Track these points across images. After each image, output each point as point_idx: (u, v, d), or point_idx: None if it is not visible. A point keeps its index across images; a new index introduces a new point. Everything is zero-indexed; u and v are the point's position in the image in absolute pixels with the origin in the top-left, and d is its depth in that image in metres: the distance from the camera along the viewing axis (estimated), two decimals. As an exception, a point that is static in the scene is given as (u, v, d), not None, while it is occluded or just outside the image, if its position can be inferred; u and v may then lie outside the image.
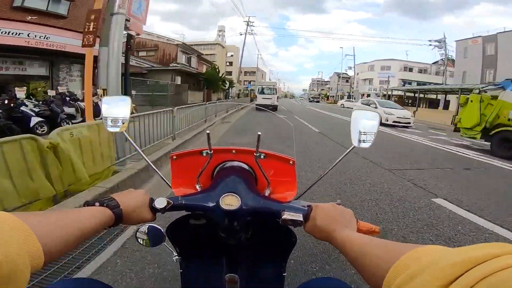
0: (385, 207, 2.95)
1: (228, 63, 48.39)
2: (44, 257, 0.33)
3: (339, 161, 0.76)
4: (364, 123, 0.74)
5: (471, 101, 7.42)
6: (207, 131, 0.65)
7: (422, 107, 23.42)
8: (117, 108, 0.77)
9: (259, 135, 0.62)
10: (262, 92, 18.17)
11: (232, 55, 50.74)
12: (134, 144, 0.76)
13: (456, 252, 0.26)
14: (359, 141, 0.74)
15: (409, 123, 12.79)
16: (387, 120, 12.38)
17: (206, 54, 36.26)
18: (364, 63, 49.33)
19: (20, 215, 0.33)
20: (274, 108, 15.86)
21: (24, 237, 0.31)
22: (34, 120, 6.23)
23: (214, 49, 44.13)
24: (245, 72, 59.18)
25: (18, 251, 0.29)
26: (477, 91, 7.62)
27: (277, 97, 18.66)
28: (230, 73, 43.24)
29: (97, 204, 0.50)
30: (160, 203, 0.58)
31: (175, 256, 0.72)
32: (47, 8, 9.79)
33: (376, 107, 13.47)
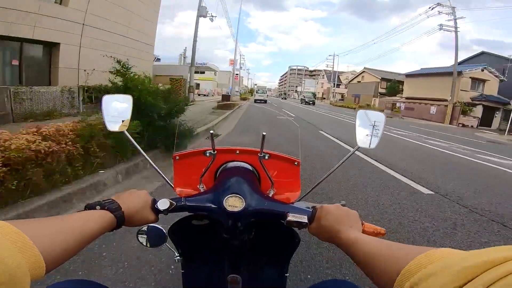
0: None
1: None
2: (45, 265, 0.32)
3: (343, 162, 0.75)
4: (369, 124, 0.73)
5: None
6: (211, 131, 0.64)
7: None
8: (117, 107, 0.75)
9: (263, 135, 0.61)
10: (258, 92, 34.58)
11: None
12: (136, 144, 0.75)
13: (469, 256, 0.26)
14: (364, 142, 0.72)
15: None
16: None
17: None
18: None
19: (16, 222, 0.32)
20: (265, 101, 30.00)
21: (22, 246, 0.29)
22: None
23: None
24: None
25: (16, 262, 0.27)
26: None
27: (267, 95, 35.40)
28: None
29: (97, 207, 0.49)
30: (163, 204, 0.57)
31: (177, 256, 0.71)
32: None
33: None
